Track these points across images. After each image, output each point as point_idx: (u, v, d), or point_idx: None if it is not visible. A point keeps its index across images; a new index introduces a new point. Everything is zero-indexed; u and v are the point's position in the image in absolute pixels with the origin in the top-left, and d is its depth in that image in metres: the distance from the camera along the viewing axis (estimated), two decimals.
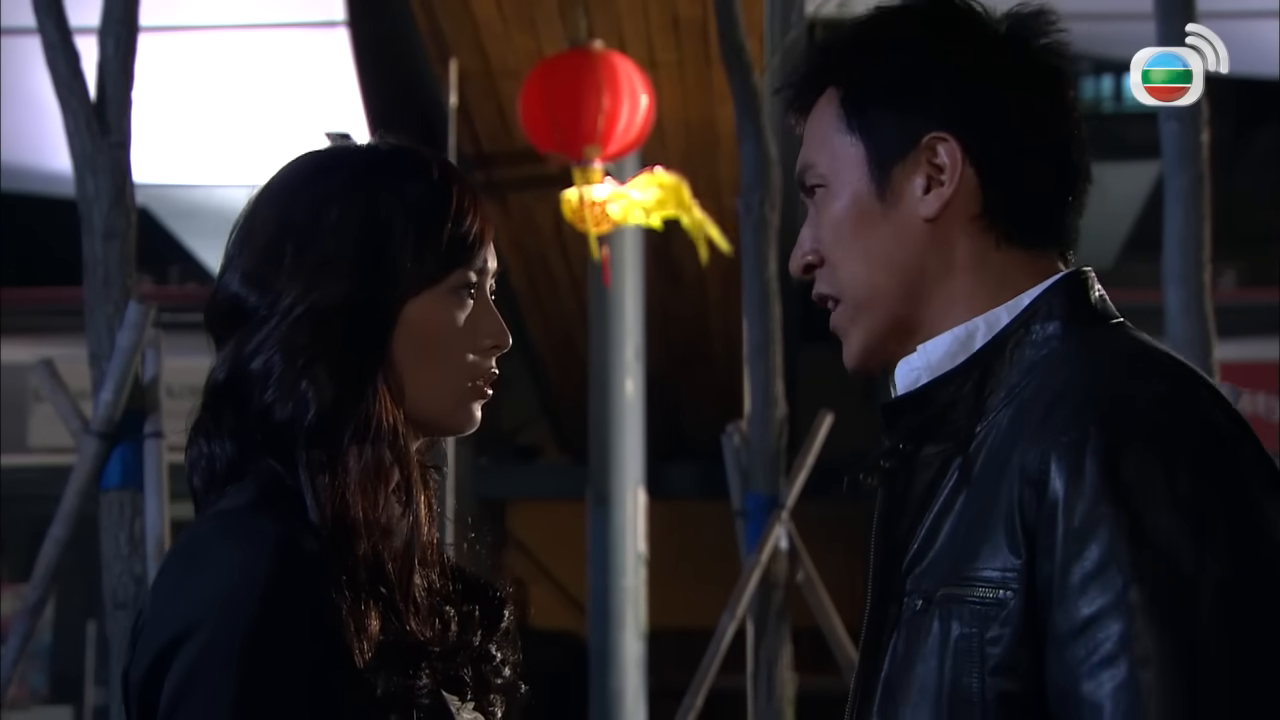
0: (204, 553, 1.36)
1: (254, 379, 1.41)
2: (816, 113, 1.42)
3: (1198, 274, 3.26)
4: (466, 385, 1.47)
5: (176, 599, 1.35)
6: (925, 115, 1.35)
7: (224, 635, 1.31)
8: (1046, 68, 1.38)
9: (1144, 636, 1.16)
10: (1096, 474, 1.20)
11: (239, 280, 1.45)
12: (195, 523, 1.42)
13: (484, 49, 6.71)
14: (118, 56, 3.25)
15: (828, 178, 1.39)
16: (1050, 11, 1.39)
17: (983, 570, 1.25)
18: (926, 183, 1.35)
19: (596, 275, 6.78)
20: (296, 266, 1.42)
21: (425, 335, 1.44)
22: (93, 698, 7.53)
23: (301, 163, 1.51)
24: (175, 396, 4.07)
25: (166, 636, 1.33)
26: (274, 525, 1.35)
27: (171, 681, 1.32)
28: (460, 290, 1.46)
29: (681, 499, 9.59)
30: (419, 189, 1.46)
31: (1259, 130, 9.25)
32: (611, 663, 6.98)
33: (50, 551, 3.22)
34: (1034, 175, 1.36)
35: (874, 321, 1.38)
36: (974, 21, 1.39)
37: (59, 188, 5.69)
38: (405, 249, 1.43)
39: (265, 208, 1.47)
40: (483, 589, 1.51)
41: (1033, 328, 1.33)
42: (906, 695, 1.28)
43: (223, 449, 1.42)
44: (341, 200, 1.44)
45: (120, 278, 3.21)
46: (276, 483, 1.39)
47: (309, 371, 1.39)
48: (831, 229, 1.39)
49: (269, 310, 1.42)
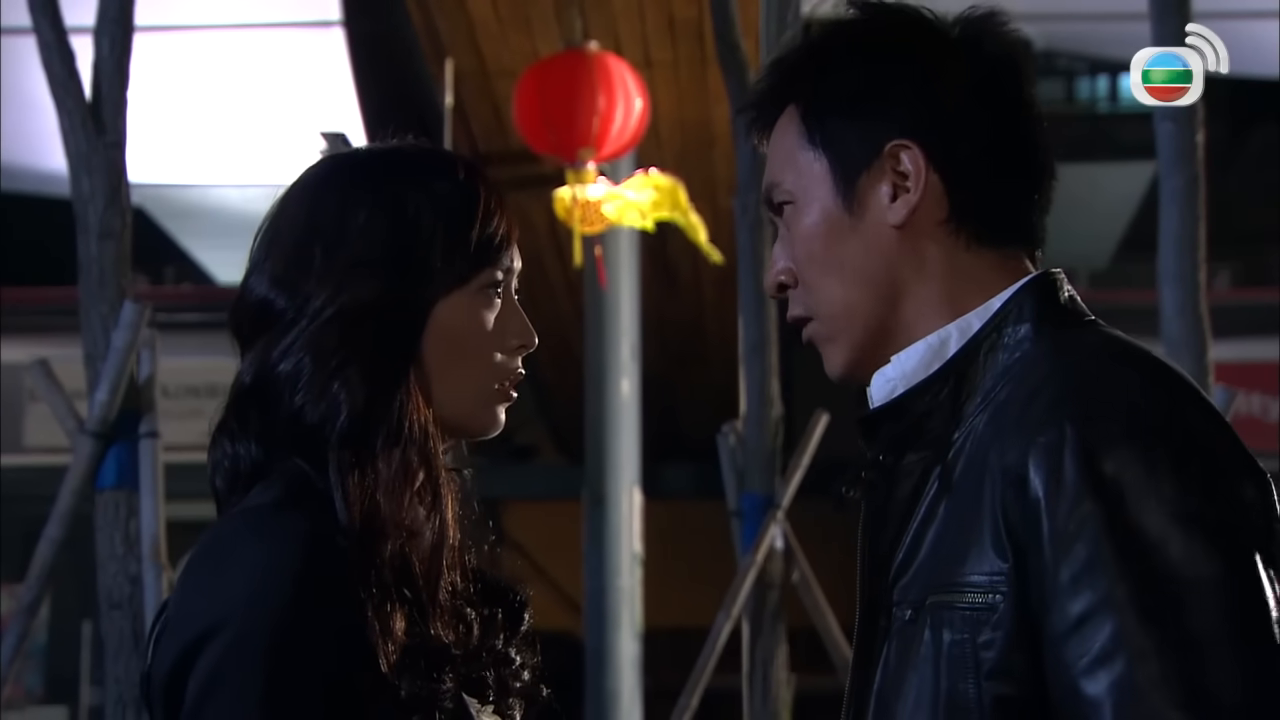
0: (229, 550, 1.36)
1: (283, 381, 1.40)
2: (779, 131, 1.42)
3: (1193, 274, 3.27)
4: (493, 386, 1.48)
5: (201, 597, 1.34)
6: (886, 124, 1.36)
7: (250, 633, 1.31)
8: (1002, 66, 1.38)
9: (1137, 633, 1.17)
10: (1076, 473, 1.20)
11: (267, 283, 1.44)
12: (219, 521, 1.41)
13: (479, 49, 6.71)
14: (113, 56, 3.25)
15: (795, 194, 1.40)
16: (1001, 12, 1.40)
17: (970, 576, 1.25)
18: (893, 191, 1.36)
19: (592, 276, 6.79)
20: (326, 268, 1.42)
21: (454, 336, 1.44)
22: (88, 698, 7.53)
23: (326, 165, 1.51)
24: (170, 396, 4.06)
25: (192, 634, 1.33)
26: (301, 523, 1.35)
27: (196, 679, 1.32)
28: (488, 290, 1.47)
29: (677, 499, 9.59)
30: (446, 189, 1.46)
31: (1254, 130, 9.26)
32: (607, 663, 6.98)
33: (45, 551, 3.22)
34: (998, 175, 1.37)
35: (853, 336, 1.39)
36: (925, 27, 1.39)
37: (54, 187, 5.69)
38: (434, 249, 1.43)
39: (291, 210, 1.47)
40: (503, 592, 1.51)
41: (1004, 331, 1.33)
42: (901, 706, 1.28)
43: (248, 450, 1.42)
44: (369, 201, 1.44)
45: (115, 277, 3.21)
46: (304, 482, 1.39)
47: (340, 373, 1.39)
48: (803, 246, 1.39)
49: (298, 313, 1.41)
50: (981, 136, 1.36)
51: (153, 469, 3.18)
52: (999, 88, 1.37)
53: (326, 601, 1.32)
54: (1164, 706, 1.16)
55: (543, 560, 9.76)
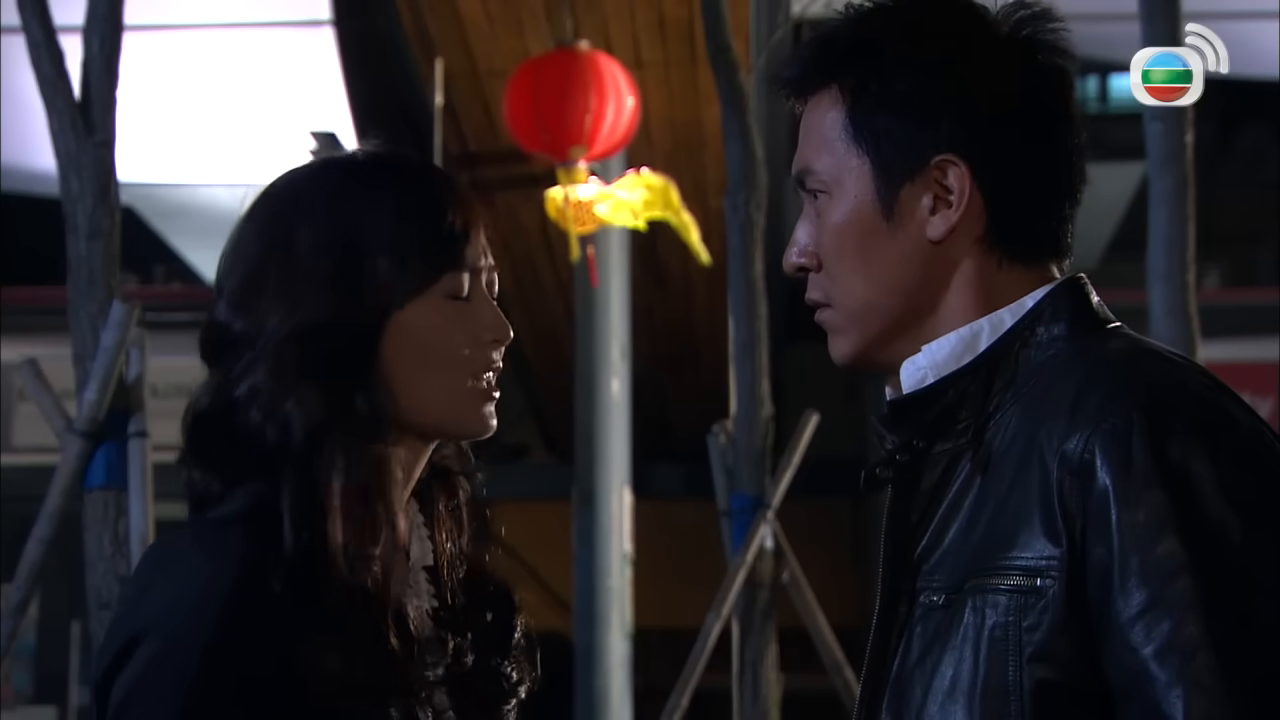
0: (172, 559, 1.36)
1: (241, 403, 1.39)
2: (817, 108, 1.40)
3: (1182, 274, 3.27)
4: (468, 385, 1.45)
5: (138, 603, 1.35)
6: (935, 136, 1.34)
7: (177, 638, 1.30)
8: (1051, 75, 1.38)
9: (1206, 621, 1.19)
10: (1145, 459, 1.22)
11: (225, 307, 1.43)
12: (168, 535, 1.41)
13: (470, 49, 6.70)
14: (102, 55, 3.24)
15: (830, 186, 1.38)
16: (1053, 12, 1.39)
17: (1017, 559, 1.26)
18: (934, 204, 1.35)
19: (583, 275, 6.78)
20: (279, 289, 1.40)
21: (420, 343, 1.42)
22: (77, 698, 7.52)
23: (280, 182, 1.49)
24: (159, 396, 4.06)
25: (123, 639, 1.33)
26: (244, 539, 1.34)
27: (122, 682, 1.32)
28: (454, 292, 1.44)
29: (667, 499, 9.59)
30: (390, 196, 1.43)
31: (1243, 131, 9.28)
32: (597, 662, 6.98)
33: (34, 551, 3.21)
34: (1038, 192, 1.37)
35: (867, 333, 1.39)
36: (979, 27, 1.37)
37: (43, 187, 5.67)
38: (383, 260, 1.41)
39: (248, 231, 1.45)
40: (496, 603, 1.50)
41: (1037, 330, 1.34)
42: (926, 691, 1.29)
43: (204, 475, 1.41)
44: (314, 217, 1.42)
45: (104, 277, 3.20)
46: (262, 501, 1.37)
47: (295, 392, 1.37)
48: (833, 239, 1.38)
49: (255, 335, 1.40)
50: (1025, 156, 1.36)
51: (141, 469, 3.18)
52: (1046, 104, 1.37)
53: (258, 619, 1.31)
54: (1231, 692, 1.18)
55: (532, 560, 9.75)
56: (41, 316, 6.31)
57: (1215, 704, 1.18)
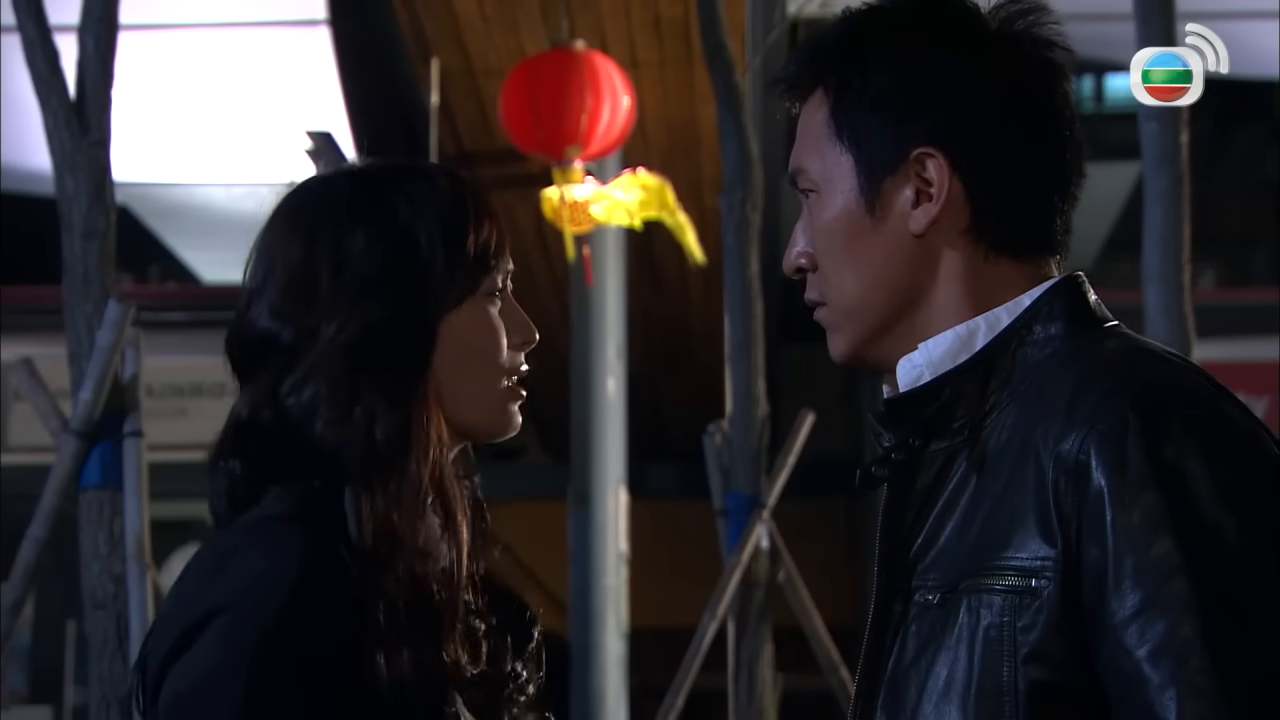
0: (230, 553, 1.36)
1: (297, 413, 1.39)
2: (808, 111, 1.41)
3: (1177, 274, 3.27)
4: (504, 386, 1.47)
5: (203, 590, 1.35)
6: (913, 130, 1.35)
7: (246, 618, 1.31)
8: (1038, 67, 1.38)
9: (1200, 622, 1.19)
10: (1140, 460, 1.22)
11: (268, 315, 1.43)
12: (224, 531, 1.41)
13: (465, 48, 6.70)
14: (98, 54, 3.24)
15: (819, 185, 1.39)
16: (1045, 8, 1.39)
17: (1012, 559, 1.26)
18: (915, 197, 1.35)
19: (578, 275, 6.78)
20: (331, 296, 1.41)
21: (466, 346, 1.44)
22: (72, 697, 7.51)
23: (310, 188, 1.49)
24: (155, 395, 4.05)
25: (191, 620, 1.33)
26: (303, 536, 1.35)
27: (182, 668, 1.32)
28: (492, 296, 1.47)
29: (663, 498, 9.59)
30: (436, 202, 1.45)
31: (1238, 131, 9.28)
32: (593, 662, 6.98)
33: (29, 551, 3.21)
34: (1023, 185, 1.36)
35: (862, 327, 1.39)
36: (964, 24, 1.38)
37: (38, 186, 5.67)
38: (436, 264, 1.43)
39: (283, 239, 1.45)
40: (512, 605, 1.51)
41: (1034, 328, 1.34)
42: (920, 690, 1.29)
43: (249, 474, 1.41)
44: (365, 224, 1.43)
45: (100, 276, 3.20)
46: (314, 499, 1.38)
47: (361, 400, 1.38)
48: (823, 238, 1.39)
49: (305, 343, 1.40)
50: (1007, 148, 1.35)
51: (137, 468, 3.18)
52: (1031, 96, 1.37)
53: (321, 616, 1.32)
54: (1224, 694, 1.18)
55: (528, 559, 9.75)
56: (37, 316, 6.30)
57: (1209, 706, 1.17)
